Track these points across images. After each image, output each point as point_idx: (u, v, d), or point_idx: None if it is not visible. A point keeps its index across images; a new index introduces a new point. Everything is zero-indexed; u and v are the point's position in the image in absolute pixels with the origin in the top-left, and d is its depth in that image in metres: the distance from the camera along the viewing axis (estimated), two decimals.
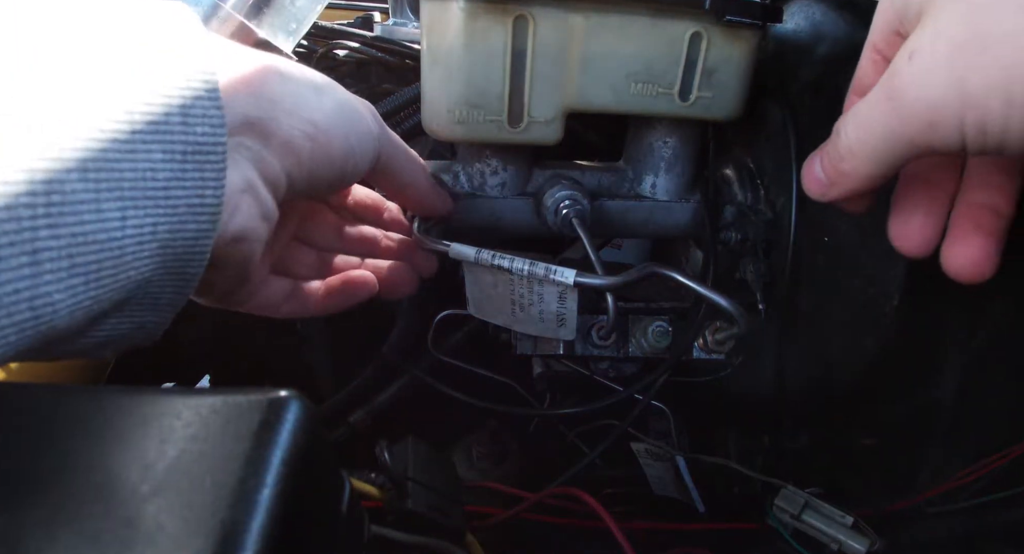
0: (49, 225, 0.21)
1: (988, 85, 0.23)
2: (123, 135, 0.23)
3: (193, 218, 0.25)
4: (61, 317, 0.22)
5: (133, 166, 0.23)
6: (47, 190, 0.21)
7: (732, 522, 0.49)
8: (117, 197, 0.23)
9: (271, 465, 0.16)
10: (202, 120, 0.25)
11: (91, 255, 0.22)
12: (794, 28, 0.48)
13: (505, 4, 0.38)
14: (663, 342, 0.47)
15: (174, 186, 0.24)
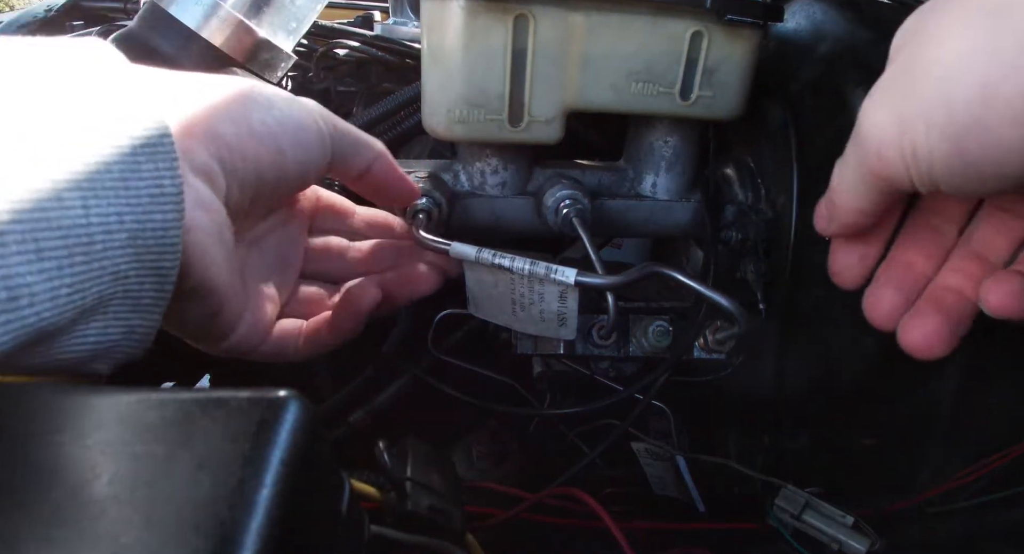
0: (9, 210, 0.22)
1: (916, 112, 0.25)
2: (70, 138, 0.24)
3: (157, 207, 0.26)
4: (42, 303, 0.23)
5: (84, 161, 0.24)
6: (2, 181, 0.22)
7: (732, 522, 0.49)
8: (75, 187, 0.24)
9: (270, 465, 0.16)
10: (143, 119, 0.26)
11: (58, 240, 0.23)
12: (795, 27, 0.48)
13: (505, 3, 0.38)
14: (663, 342, 0.47)
15: (130, 176, 0.25)
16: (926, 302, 0.33)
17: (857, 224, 0.32)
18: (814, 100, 0.44)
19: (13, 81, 0.24)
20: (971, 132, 0.24)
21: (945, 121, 0.24)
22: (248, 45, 0.48)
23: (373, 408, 0.55)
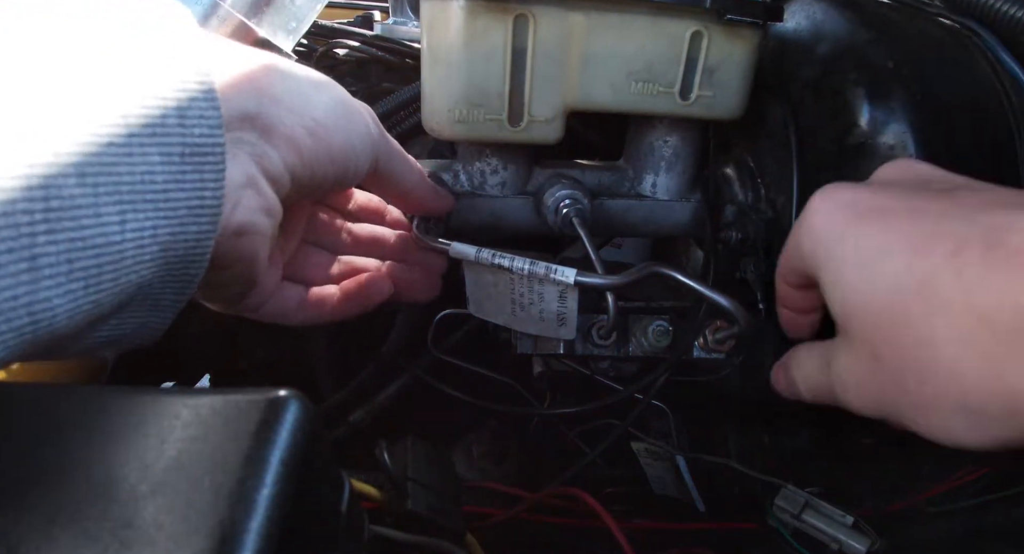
0: (48, 230, 0.21)
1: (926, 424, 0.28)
2: (119, 138, 0.23)
3: (193, 219, 0.25)
4: (60, 321, 0.22)
5: (131, 169, 0.23)
6: (45, 195, 0.21)
7: (732, 521, 0.49)
8: (116, 201, 0.23)
9: (270, 465, 0.16)
10: (199, 121, 0.25)
11: (90, 260, 0.22)
12: (795, 27, 0.48)
13: (505, 3, 0.38)
14: (663, 341, 0.47)
15: (173, 188, 0.24)
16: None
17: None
18: (814, 100, 0.44)
19: (75, 34, 0.23)
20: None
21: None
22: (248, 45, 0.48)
23: (373, 408, 0.55)
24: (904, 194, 0.28)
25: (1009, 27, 0.39)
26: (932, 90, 0.39)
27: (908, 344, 0.26)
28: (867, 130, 0.40)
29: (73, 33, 0.23)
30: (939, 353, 0.25)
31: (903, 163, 0.32)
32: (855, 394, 0.30)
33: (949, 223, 0.25)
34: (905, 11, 0.44)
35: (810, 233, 0.30)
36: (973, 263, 0.24)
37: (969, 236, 0.24)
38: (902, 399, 0.27)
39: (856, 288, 0.28)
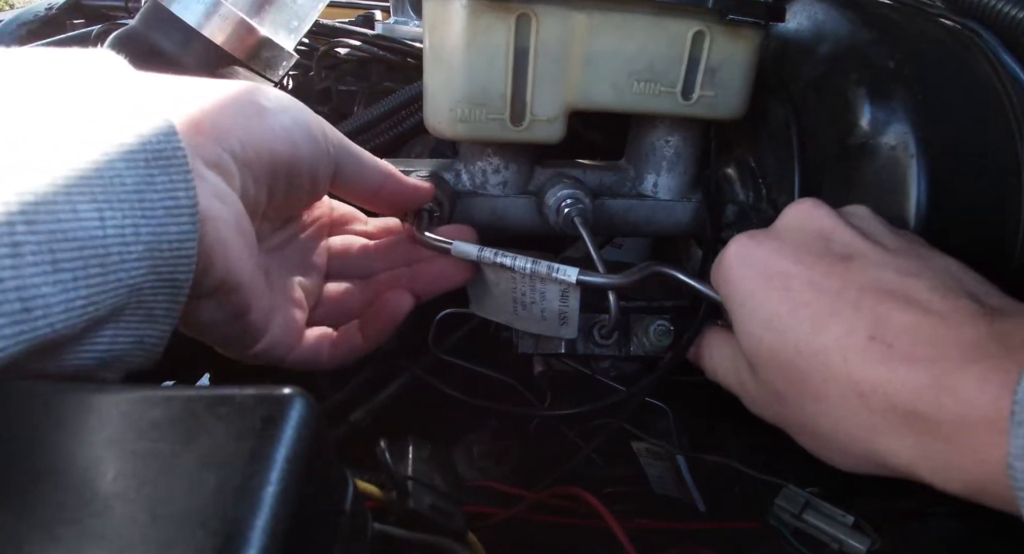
0: (26, 221, 0.21)
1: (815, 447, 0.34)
2: (83, 149, 0.24)
3: (172, 220, 0.26)
4: (56, 314, 0.22)
5: (99, 173, 0.24)
6: (17, 190, 0.21)
7: (733, 521, 0.49)
8: (90, 199, 0.23)
9: (275, 462, 0.16)
10: (155, 132, 0.26)
11: (74, 252, 0.23)
12: (796, 27, 0.48)
13: (508, 2, 0.38)
14: (665, 341, 0.47)
15: (145, 189, 0.25)
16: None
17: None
18: (816, 100, 0.45)
19: (20, 90, 0.24)
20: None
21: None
22: (250, 44, 0.48)
23: (373, 407, 0.55)
24: (805, 259, 0.32)
25: (1010, 28, 0.39)
26: (933, 90, 0.39)
27: (805, 396, 0.31)
28: (868, 130, 0.40)
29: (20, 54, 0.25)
30: (828, 412, 0.30)
31: (805, 209, 0.35)
32: (758, 409, 0.36)
33: (841, 307, 0.30)
34: (907, 12, 0.44)
35: (726, 282, 0.35)
36: (856, 350, 0.28)
37: (856, 325, 0.29)
38: (796, 429, 0.34)
39: (761, 342, 0.33)
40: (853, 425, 0.29)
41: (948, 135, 0.39)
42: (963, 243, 0.39)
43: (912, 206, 0.39)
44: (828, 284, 0.31)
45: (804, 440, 0.33)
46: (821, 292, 0.31)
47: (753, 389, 0.36)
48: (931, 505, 0.44)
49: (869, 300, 0.29)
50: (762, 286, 0.33)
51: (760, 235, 0.35)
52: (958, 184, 0.39)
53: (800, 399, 0.31)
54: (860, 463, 0.30)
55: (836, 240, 0.33)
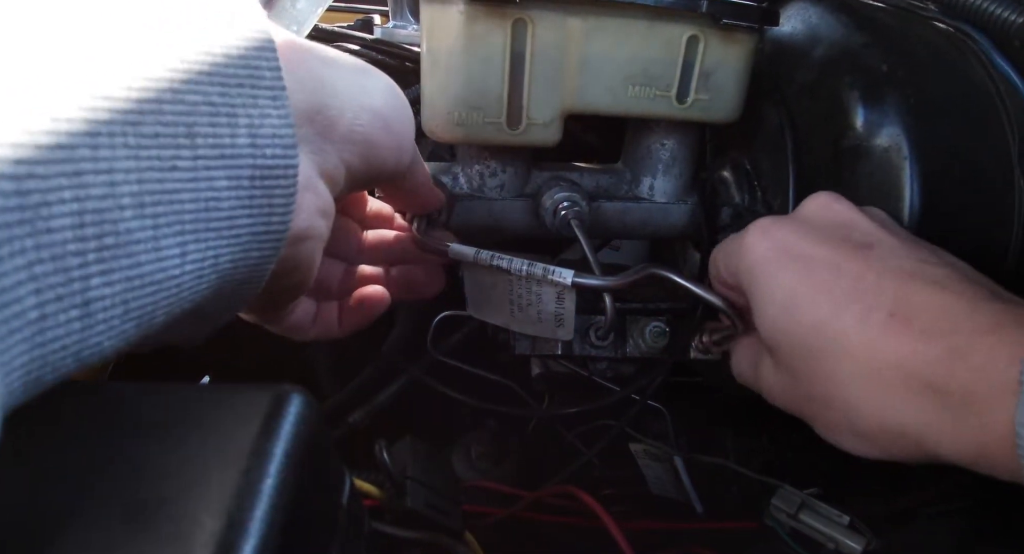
0: (102, 272, 0.18)
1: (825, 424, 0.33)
2: (184, 161, 0.20)
3: (257, 246, 0.23)
4: (105, 357, 0.20)
5: (194, 196, 0.20)
6: (98, 233, 0.18)
7: (730, 521, 0.49)
8: (177, 232, 0.20)
9: (274, 457, 0.16)
10: (272, 141, 0.22)
11: (147, 298, 0.20)
12: (790, 31, 0.48)
13: (504, 7, 0.38)
14: (660, 342, 0.47)
15: (239, 215, 0.22)
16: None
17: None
18: (810, 102, 0.45)
19: (125, 47, 0.19)
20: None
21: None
22: None
23: (372, 408, 0.55)
24: (828, 243, 0.33)
25: (1003, 31, 0.40)
26: (926, 93, 0.40)
27: (820, 375, 0.31)
28: (862, 133, 0.40)
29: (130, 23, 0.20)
30: (842, 389, 0.30)
31: (824, 199, 0.36)
32: (776, 397, 0.36)
33: (862, 287, 0.30)
34: (900, 15, 0.45)
35: (745, 265, 0.35)
36: (876, 326, 0.29)
37: (877, 303, 0.29)
38: (811, 413, 0.33)
39: (780, 323, 0.33)
40: (867, 399, 0.29)
41: (941, 137, 0.39)
42: (956, 245, 0.39)
43: (905, 208, 0.39)
44: (849, 267, 0.31)
45: (817, 423, 0.33)
46: (842, 274, 0.31)
47: (771, 376, 0.36)
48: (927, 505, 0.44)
49: (890, 282, 0.30)
50: (783, 267, 0.33)
51: (782, 219, 0.36)
52: (951, 186, 0.39)
53: (816, 378, 0.32)
54: (871, 443, 0.31)
55: (857, 229, 0.34)
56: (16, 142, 0.16)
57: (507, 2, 0.38)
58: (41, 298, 0.17)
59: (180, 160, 0.20)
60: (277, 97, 0.22)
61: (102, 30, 0.19)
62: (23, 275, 0.16)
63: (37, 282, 0.16)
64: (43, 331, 0.17)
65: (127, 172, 0.18)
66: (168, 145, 0.19)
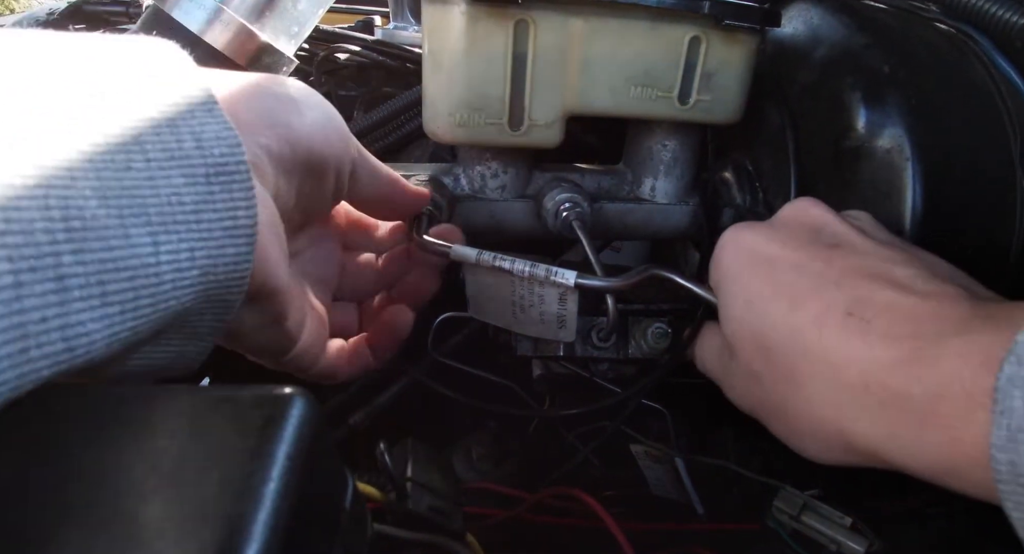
0: (73, 250, 0.19)
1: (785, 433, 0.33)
2: (138, 164, 0.22)
3: (231, 241, 0.24)
4: (97, 349, 0.20)
5: (155, 192, 0.22)
6: (63, 215, 0.19)
7: (731, 523, 0.49)
8: (144, 222, 0.21)
9: (276, 460, 0.16)
10: (217, 142, 0.24)
11: (124, 282, 0.21)
12: (792, 32, 0.48)
13: (506, 8, 0.38)
14: (662, 343, 0.47)
15: (204, 209, 0.23)
16: None
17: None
18: (811, 103, 0.45)
19: (67, 80, 0.22)
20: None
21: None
22: (250, 49, 0.49)
23: (373, 410, 0.55)
24: (795, 244, 0.33)
25: (1005, 32, 0.40)
26: (928, 94, 0.40)
27: (779, 376, 0.31)
28: (864, 133, 0.40)
29: (71, 69, 0.22)
30: (799, 390, 0.30)
31: (801, 204, 0.36)
32: (736, 395, 0.36)
33: (823, 286, 0.30)
34: (901, 16, 0.45)
35: (717, 266, 0.36)
36: (833, 326, 0.28)
37: (835, 302, 0.29)
38: (769, 413, 0.33)
39: (741, 322, 0.33)
40: (824, 403, 0.29)
41: (943, 138, 0.39)
42: (958, 245, 0.39)
43: (907, 208, 0.39)
44: (811, 266, 0.31)
45: (776, 426, 0.33)
46: (803, 273, 0.31)
47: (733, 374, 0.36)
48: (929, 506, 0.44)
49: (850, 280, 0.29)
50: (748, 269, 0.33)
51: (754, 224, 0.36)
52: (953, 187, 0.39)
53: (775, 379, 0.31)
54: (828, 448, 0.30)
55: (826, 231, 0.34)
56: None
57: (509, 3, 0.38)
58: (14, 265, 0.18)
59: (134, 162, 0.22)
60: (211, 110, 0.24)
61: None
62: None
63: (8, 250, 0.18)
64: (20, 299, 0.18)
65: (84, 169, 0.20)
66: (119, 150, 0.21)
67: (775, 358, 0.31)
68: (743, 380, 0.35)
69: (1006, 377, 0.22)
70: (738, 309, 0.33)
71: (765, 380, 0.32)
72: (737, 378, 0.35)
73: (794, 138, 0.45)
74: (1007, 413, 0.21)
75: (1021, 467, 0.21)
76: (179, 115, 0.23)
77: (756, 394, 0.34)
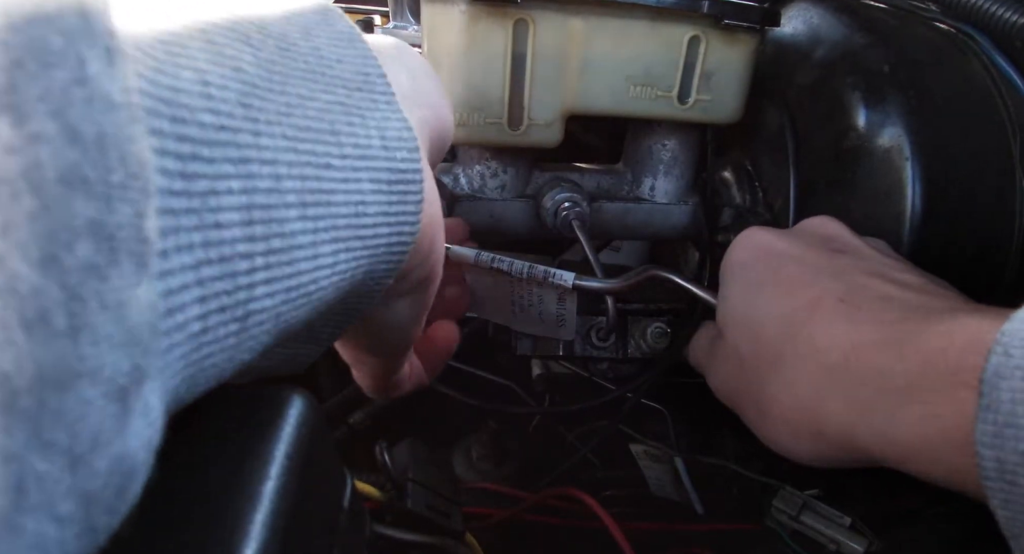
0: (267, 280, 0.16)
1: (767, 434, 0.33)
2: (335, 160, 0.18)
3: (388, 256, 0.22)
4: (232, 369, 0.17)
5: (347, 199, 0.19)
6: (266, 233, 0.16)
7: (730, 523, 0.49)
8: (333, 238, 0.18)
9: (275, 458, 0.16)
10: (399, 144, 0.21)
11: (294, 312, 0.18)
12: (792, 32, 0.48)
13: (505, 8, 0.38)
14: (662, 343, 0.47)
15: (381, 222, 0.20)
16: None
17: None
18: (811, 103, 0.45)
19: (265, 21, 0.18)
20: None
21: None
22: None
23: (372, 410, 0.55)
24: (803, 244, 0.33)
25: (1004, 31, 0.40)
26: (927, 94, 0.40)
27: (762, 359, 0.31)
28: (863, 133, 0.40)
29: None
30: (780, 372, 0.30)
31: (821, 220, 0.37)
32: (718, 382, 0.36)
33: (821, 277, 0.30)
34: (901, 16, 0.45)
35: (728, 260, 0.36)
36: (825, 310, 0.29)
37: (830, 290, 0.29)
38: (745, 400, 0.33)
39: (735, 305, 0.34)
40: (803, 383, 0.29)
41: (942, 138, 0.39)
42: (959, 245, 0.39)
43: (907, 208, 0.39)
44: (815, 262, 0.32)
45: (749, 414, 0.33)
46: (804, 266, 0.32)
47: (717, 358, 0.36)
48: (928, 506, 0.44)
49: (848, 275, 0.30)
50: (753, 261, 0.34)
51: (771, 229, 0.37)
52: (953, 186, 0.39)
53: (759, 362, 0.31)
54: (797, 434, 0.30)
55: (837, 240, 0.34)
56: (176, 116, 0.14)
57: (509, 2, 0.38)
58: (206, 307, 0.14)
59: (332, 158, 0.18)
60: (391, 102, 0.21)
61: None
62: (190, 277, 0.14)
63: (203, 288, 0.14)
64: (200, 348, 0.14)
65: (290, 165, 0.16)
66: (319, 140, 0.18)
67: (763, 340, 0.31)
68: (727, 364, 0.35)
69: (992, 369, 0.21)
70: (736, 295, 0.34)
71: (748, 363, 0.32)
72: (721, 362, 0.36)
73: (794, 138, 0.45)
74: (993, 407, 0.21)
75: (1008, 464, 0.21)
76: (364, 103, 0.20)
77: (737, 378, 0.34)
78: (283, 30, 0.18)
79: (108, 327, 0.11)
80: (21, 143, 0.10)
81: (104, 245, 0.11)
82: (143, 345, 0.12)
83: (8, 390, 0.10)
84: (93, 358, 0.11)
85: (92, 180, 0.11)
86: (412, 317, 0.28)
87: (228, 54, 0.16)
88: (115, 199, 0.11)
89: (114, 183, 0.11)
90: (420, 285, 0.26)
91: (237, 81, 0.16)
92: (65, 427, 0.10)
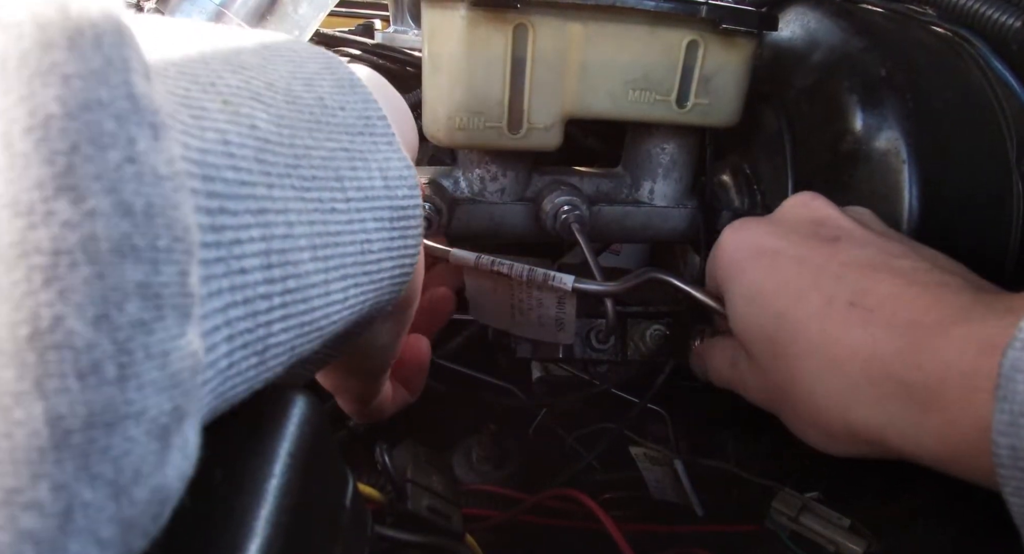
0: (283, 317, 0.17)
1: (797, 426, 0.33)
2: (340, 204, 0.20)
3: (390, 289, 0.23)
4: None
5: (352, 239, 0.20)
6: (283, 275, 0.17)
7: (730, 525, 0.49)
8: (343, 276, 0.20)
9: (278, 457, 0.17)
10: (400, 182, 0.22)
11: (307, 345, 0.19)
12: (789, 35, 0.48)
13: (505, 12, 0.39)
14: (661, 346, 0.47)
15: (384, 258, 0.22)
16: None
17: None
18: (809, 107, 0.45)
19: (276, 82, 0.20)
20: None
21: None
22: None
23: None
24: (795, 237, 0.33)
25: (1000, 35, 0.40)
26: (925, 97, 0.40)
27: (784, 368, 0.31)
28: (861, 136, 0.41)
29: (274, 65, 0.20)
30: (805, 381, 0.30)
31: (802, 198, 0.36)
32: (753, 393, 0.36)
33: (824, 277, 0.30)
34: (898, 19, 0.45)
35: (719, 263, 0.35)
36: (836, 318, 0.29)
37: (837, 294, 0.29)
38: (779, 406, 0.33)
39: (746, 318, 0.33)
40: (828, 393, 0.29)
41: (939, 141, 0.40)
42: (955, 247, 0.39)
43: (905, 211, 0.39)
44: (813, 260, 0.31)
45: (786, 419, 0.33)
46: (805, 267, 0.31)
47: (746, 372, 0.36)
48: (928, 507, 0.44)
49: (852, 273, 0.30)
50: (750, 264, 0.33)
51: (754, 219, 0.36)
52: (950, 189, 0.39)
53: (780, 372, 0.31)
54: (833, 438, 0.30)
55: (827, 224, 0.34)
56: (206, 175, 0.15)
57: (508, 7, 0.38)
58: (232, 345, 0.16)
59: (336, 202, 0.20)
60: (391, 142, 0.23)
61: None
62: (219, 319, 0.15)
63: (231, 328, 0.16)
64: (225, 381, 0.16)
65: (299, 212, 0.18)
66: (324, 187, 0.19)
67: (780, 350, 0.31)
68: (756, 378, 0.35)
69: (1010, 363, 0.22)
70: (742, 306, 0.33)
71: (773, 374, 0.32)
72: (750, 377, 0.35)
73: (791, 141, 0.45)
74: (1009, 398, 0.21)
75: (1022, 451, 0.21)
76: (366, 146, 0.21)
77: (768, 388, 0.34)
78: (288, 84, 0.20)
79: (153, 373, 0.12)
80: (79, 219, 0.11)
81: (151, 303, 0.12)
82: (183, 387, 0.13)
83: (61, 430, 0.11)
84: (139, 402, 0.12)
85: (141, 247, 0.12)
86: (393, 337, 0.30)
87: (243, 113, 0.17)
88: (161, 262, 0.13)
89: (160, 247, 0.13)
90: (400, 307, 0.27)
91: (252, 138, 0.17)
92: (111, 462, 0.12)
